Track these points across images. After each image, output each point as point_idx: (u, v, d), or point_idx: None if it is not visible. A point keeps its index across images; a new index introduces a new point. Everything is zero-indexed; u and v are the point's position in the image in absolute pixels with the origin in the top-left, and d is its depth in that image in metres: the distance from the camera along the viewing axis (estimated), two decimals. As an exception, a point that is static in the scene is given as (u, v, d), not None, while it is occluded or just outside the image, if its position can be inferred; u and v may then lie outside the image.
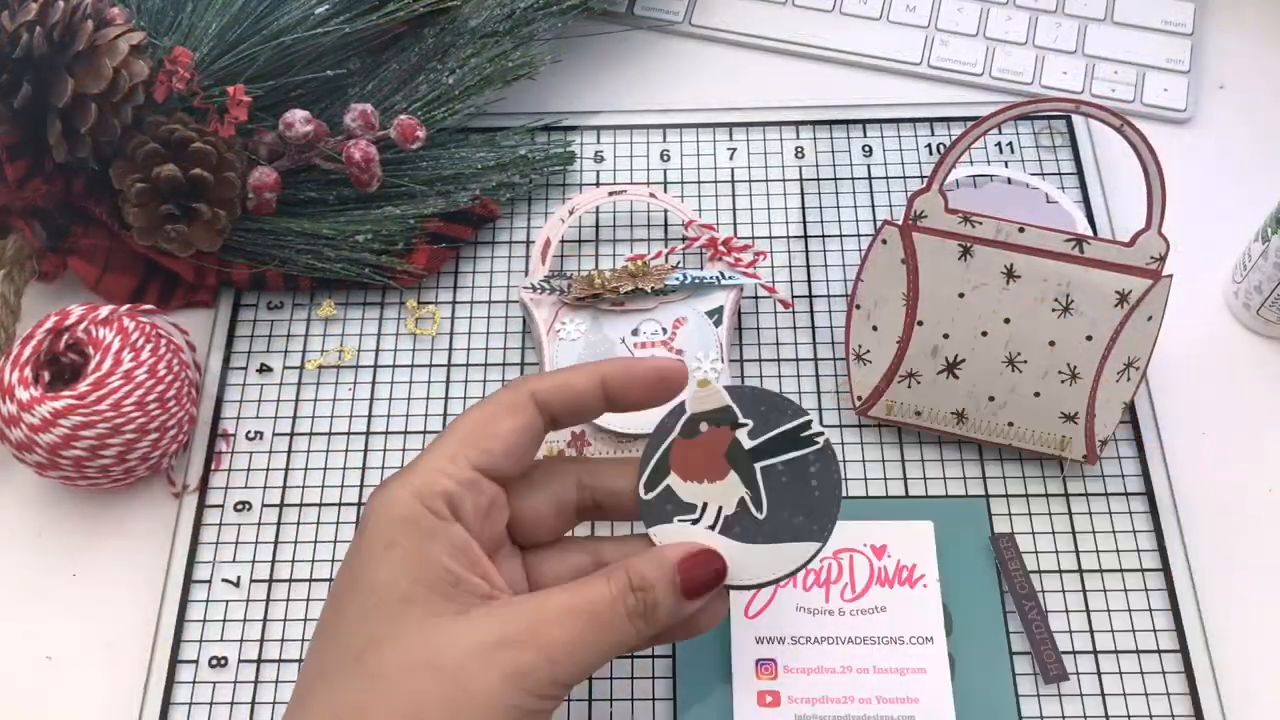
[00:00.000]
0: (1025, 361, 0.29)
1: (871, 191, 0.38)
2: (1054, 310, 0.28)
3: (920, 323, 0.28)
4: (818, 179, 0.38)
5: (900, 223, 0.28)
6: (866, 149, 0.39)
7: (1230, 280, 0.36)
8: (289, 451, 0.33)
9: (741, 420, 0.23)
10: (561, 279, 0.34)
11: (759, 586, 0.22)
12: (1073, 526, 0.31)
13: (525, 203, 0.38)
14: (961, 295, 0.28)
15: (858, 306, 0.30)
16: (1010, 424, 0.30)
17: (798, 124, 0.39)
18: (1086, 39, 0.41)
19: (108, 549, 0.32)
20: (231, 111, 0.33)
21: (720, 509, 0.22)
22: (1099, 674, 0.29)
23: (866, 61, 0.41)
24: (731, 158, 0.39)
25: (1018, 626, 0.30)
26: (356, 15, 0.36)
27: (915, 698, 0.28)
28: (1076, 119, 0.39)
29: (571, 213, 0.36)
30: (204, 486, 0.33)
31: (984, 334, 0.28)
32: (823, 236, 0.37)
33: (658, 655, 0.30)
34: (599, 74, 0.41)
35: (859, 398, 0.30)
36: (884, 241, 0.29)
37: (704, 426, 0.23)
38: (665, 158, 0.39)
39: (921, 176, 0.38)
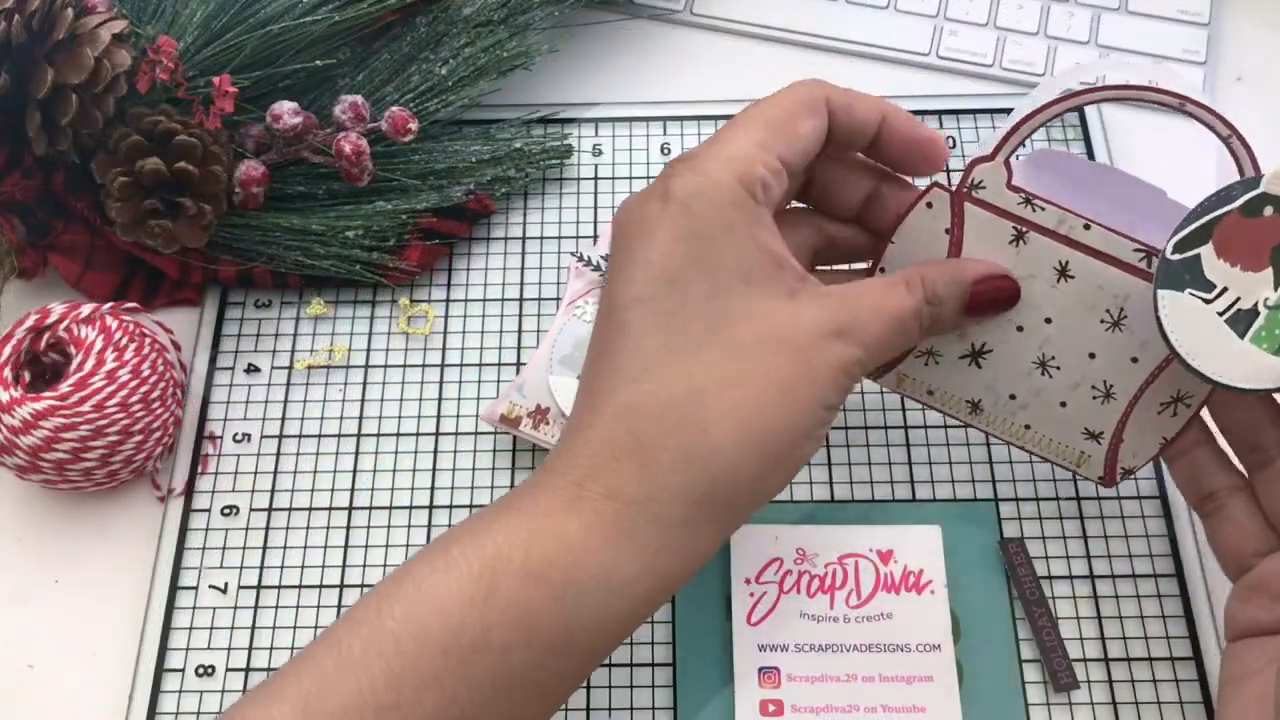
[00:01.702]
0: (1058, 368, 0.26)
1: (878, 186, 0.37)
2: (1103, 322, 0.25)
3: None
4: (822, 173, 0.37)
5: (953, 188, 0.25)
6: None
7: (1247, 277, 0.35)
8: (277, 454, 0.33)
9: None
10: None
11: (1235, 389, 0.22)
12: (1084, 531, 0.31)
13: (521, 198, 0.37)
14: None
15: (881, 269, 0.27)
16: (1027, 426, 0.28)
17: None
18: (1100, 29, 0.40)
19: (91, 554, 0.31)
20: (217, 103, 0.32)
21: (1238, 300, 0.21)
22: (1110, 682, 0.29)
23: (873, 52, 0.40)
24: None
25: (1027, 634, 0.29)
26: (346, 3, 0.35)
27: (922, 706, 0.28)
28: (1090, 110, 0.38)
29: None
30: (190, 490, 0.32)
31: (1020, 329, 0.26)
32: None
33: (658, 664, 0.29)
34: (597, 65, 0.40)
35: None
36: (929, 205, 0.25)
37: (1269, 210, 0.21)
38: (665, 151, 0.38)
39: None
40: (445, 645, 0.19)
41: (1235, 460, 0.26)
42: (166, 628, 0.30)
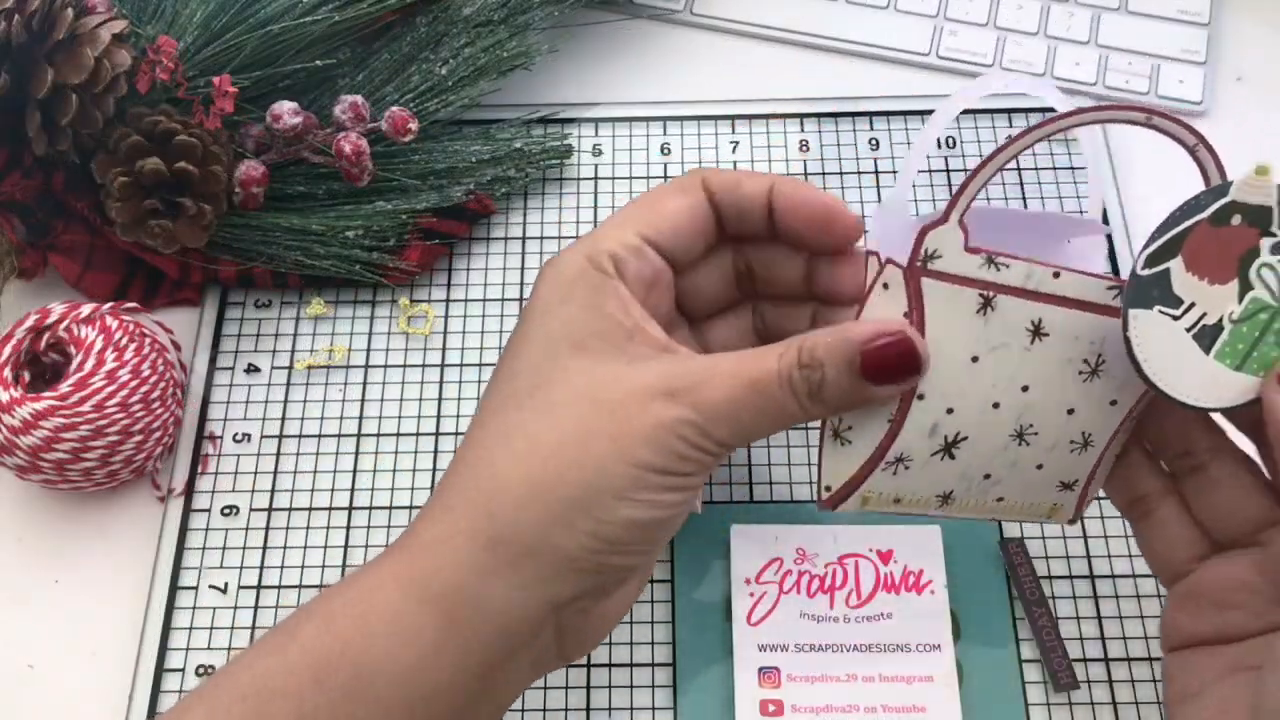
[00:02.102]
0: (1036, 434, 0.23)
1: (878, 186, 0.37)
2: (1081, 373, 0.22)
3: (921, 396, 0.22)
4: (823, 173, 0.37)
5: (905, 264, 0.21)
6: (873, 142, 0.38)
7: (1247, 277, 0.35)
8: (277, 454, 0.33)
9: (1275, 229, 0.20)
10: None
11: (1195, 409, 0.21)
12: (1084, 531, 0.31)
13: (521, 198, 0.37)
14: (975, 359, 0.22)
15: None
16: (1000, 499, 0.24)
17: (802, 116, 0.38)
18: (1100, 29, 0.40)
19: (91, 554, 0.31)
20: (217, 103, 0.32)
21: (1204, 315, 0.20)
22: (1110, 682, 0.29)
23: (873, 52, 0.40)
24: (734, 151, 0.38)
25: (1027, 634, 0.29)
26: (346, 3, 0.35)
27: (922, 706, 0.28)
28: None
29: None
30: (190, 490, 0.32)
31: (995, 405, 0.22)
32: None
33: (657, 664, 0.29)
34: (597, 65, 0.40)
35: (828, 488, 0.23)
36: (885, 286, 0.22)
37: (1237, 219, 0.20)
38: (666, 151, 0.38)
39: (930, 170, 0.37)
40: (246, 693, 0.20)
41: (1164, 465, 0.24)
42: (166, 628, 0.30)
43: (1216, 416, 0.23)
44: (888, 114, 0.38)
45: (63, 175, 0.34)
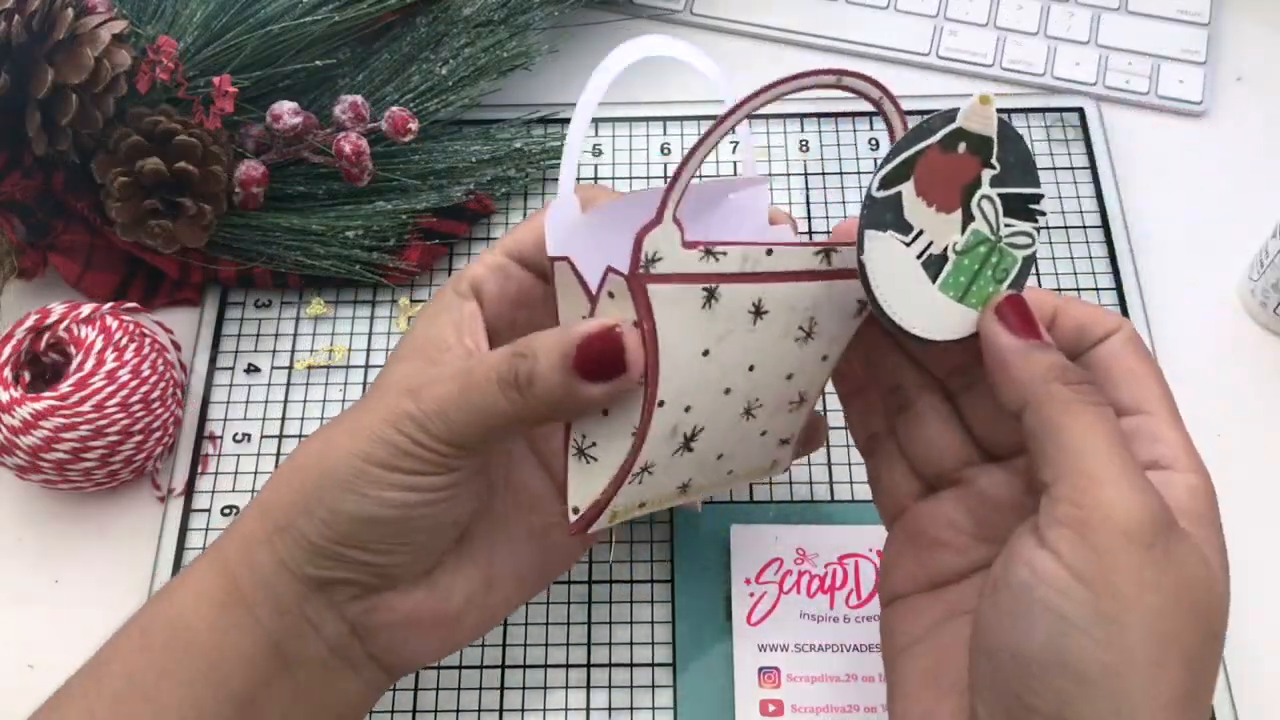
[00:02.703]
0: (761, 406, 0.23)
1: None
2: (797, 340, 0.22)
3: (661, 403, 0.21)
4: (823, 173, 0.37)
5: (626, 271, 0.20)
6: (873, 142, 0.38)
7: (1247, 278, 0.35)
8: (277, 454, 0.33)
9: (993, 161, 0.20)
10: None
11: (928, 343, 0.21)
12: (1084, 532, 0.31)
13: (521, 198, 0.37)
14: (706, 353, 0.21)
15: None
16: (730, 472, 0.24)
17: (802, 116, 0.38)
18: (1100, 29, 0.40)
19: (91, 554, 0.31)
20: (217, 103, 0.32)
21: (930, 244, 0.20)
22: (1111, 683, 0.28)
23: (873, 52, 0.40)
24: (734, 151, 0.38)
25: (1027, 635, 0.29)
26: (346, 3, 0.35)
27: (922, 708, 0.28)
28: (1091, 111, 0.38)
29: None
30: (190, 490, 0.32)
31: (727, 391, 0.22)
32: (828, 233, 0.36)
33: (657, 664, 0.29)
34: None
35: (575, 510, 0.22)
36: (610, 295, 0.20)
37: (962, 147, 0.20)
38: (665, 151, 0.38)
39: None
40: (88, 664, 0.23)
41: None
42: (166, 628, 0.30)
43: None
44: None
45: (63, 175, 0.34)
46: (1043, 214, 0.21)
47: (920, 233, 0.20)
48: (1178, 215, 0.36)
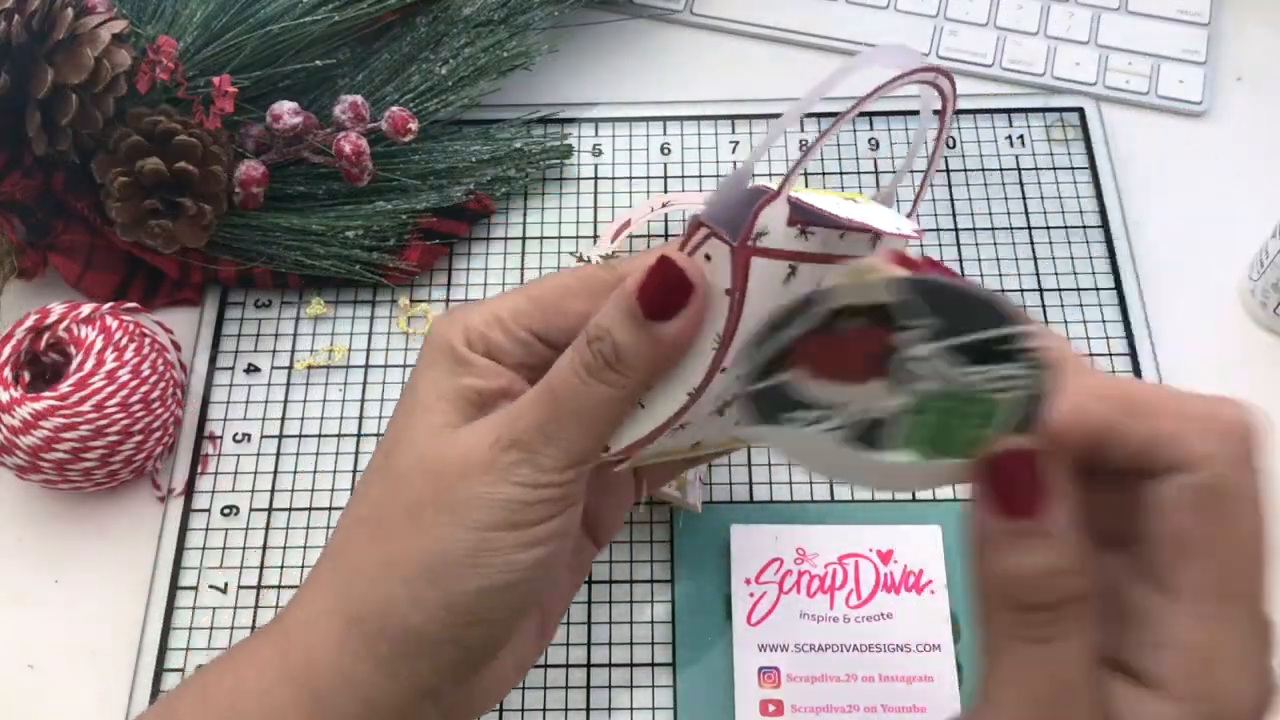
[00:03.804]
0: None
1: (878, 186, 0.37)
2: None
3: (724, 369, 0.20)
4: (823, 173, 0.37)
5: (735, 240, 0.19)
6: (873, 142, 0.38)
7: (1247, 278, 0.35)
8: (277, 454, 0.33)
9: (908, 323, 0.17)
10: (614, 261, 0.33)
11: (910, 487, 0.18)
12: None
13: (521, 198, 0.37)
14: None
15: None
16: (734, 436, 0.23)
17: (802, 116, 0.38)
18: (1100, 29, 0.40)
19: (91, 554, 0.31)
20: (217, 103, 0.32)
21: (856, 411, 0.17)
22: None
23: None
24: (734, 151, 0.38)
25: (1027, 635, 0.29)
26: (346, 3, 0.35)
27: (922, 707, 0.28)
28: (1090, 111, 0.38)
29: (664, 205, 0.35)
30: (190, 490, 0.32)
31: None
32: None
33: (657, 664, 0.29)
34: (597, 65, 0.40)
35: (606, 448, 0.21)
36: (707, 257, 0.20)
37: (851, 323, 0.17)
38: (666, 151, 0.38)
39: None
40: None
41: None
42: (166, 627, 0.30)
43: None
44: (888, 114, 0.38)
45: (63, 175, 0.34)
46: (1027, 350, 0.16)
47: (832, 406, 0.18)
48: (1178, 215, 0.36)
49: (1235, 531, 0.15)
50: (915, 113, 0.38)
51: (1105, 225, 0.36)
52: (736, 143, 0.38)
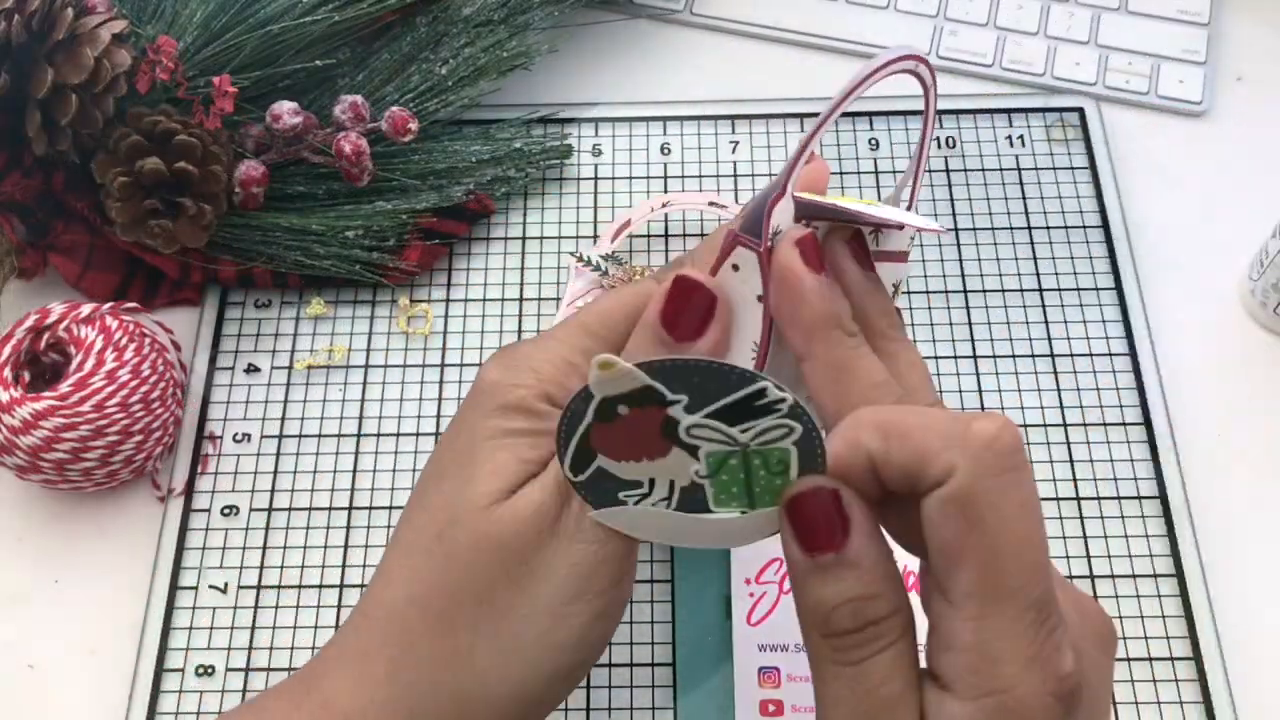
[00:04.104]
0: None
1: (878, 186, 0.37)
2: None
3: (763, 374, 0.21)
4: (822, 173, 0.37)
5: (759, 243, 0.19)
6: (873, 142, 0.38)
7: (1247, 278, 0.35)
8: (277, 454, 0.33)
9: (671, 398, 0.18)
10: (613, 262, 0.33)
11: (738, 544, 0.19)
12: (1084, 531, 0.31)
13: (521, 198, 0.37)
14: None
15: None
16: None
17: (802, 116, 0.38)
18: (1100, 29, 0.40)
19: (91, 554, 0.31)
20: (217, 103, 0.32)
21: (673, 481, 0.18)
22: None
23: (873, 52, 0.40)
24: (734, 151, 0.38)
25: (1027, 635, 0.29)
26: (346, 3, 0.35)
27: (922, 708, 0.28)
28: (1090, 111, 0.38)
29: (665, 206, 0.35)
30: (190, 490, 0.32)
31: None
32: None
33: (657, 664, 0.29)
34: (597, 64, 0.40)
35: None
36: (735, 267, 0.19)
37: (623, 409, 0.18)
38: (666, 151, 0.38)
39: (930, 170, 0.37)
40: None
41: None
42: (166, 628, 0.30)
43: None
44: (888, 114, 0.38)
45: (63, 175, 0.34)
46: (780, 401, 0.17)
47: (652, 481, 0.18)
48: (1178, 215, 0.36)
49: (990, 534, 0.15)
50: (916, 113, 0.38)
51: (1105, 225, 0.36)
52: (736, 143, 0.38)
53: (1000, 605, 0.15)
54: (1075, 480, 0.31)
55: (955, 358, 0.34)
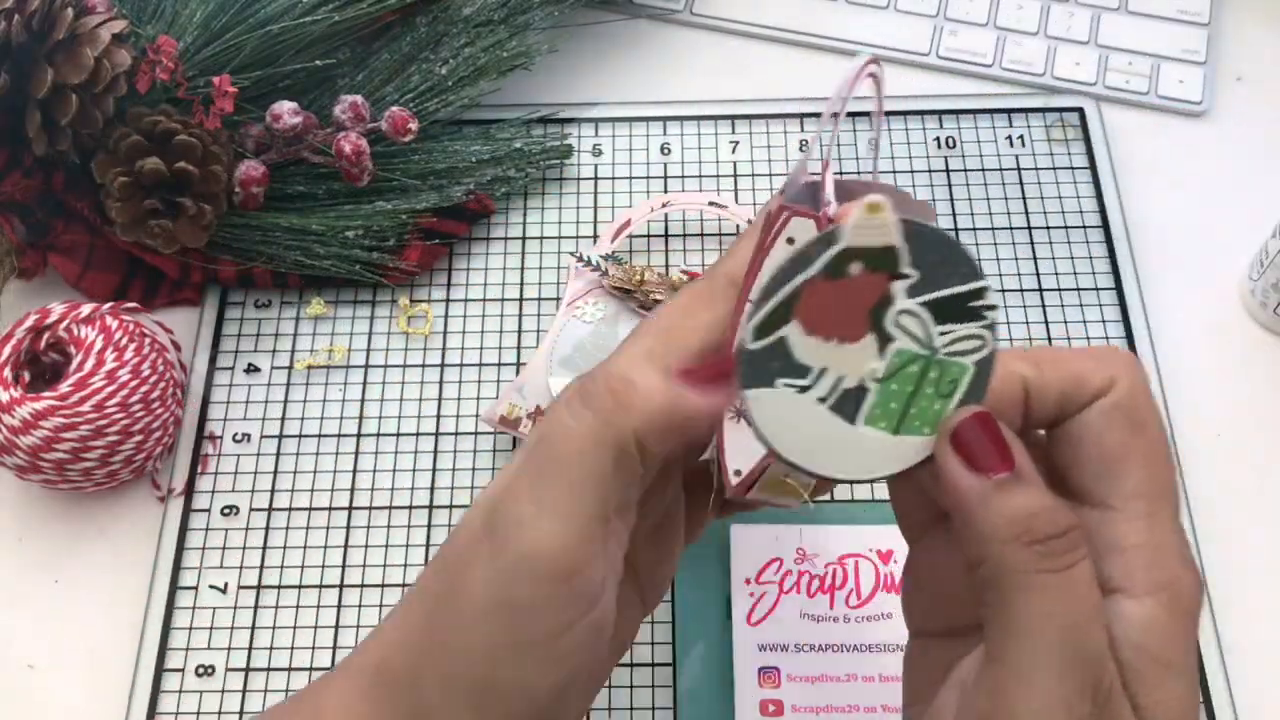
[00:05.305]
0: None
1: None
2: None
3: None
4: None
5: (817, 211, 0.19)
6: (873, 142, 0.38)
7: (1247, 278, 0.35)
8: (277, 454, 0.33)
9: (905, 270, 0.17)
10: (613, 261, 0.33)
11: (863, 481, 0.18)
12: (1084, 532, 0.31)
13: (521, 198, 0.37)
14: None
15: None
16: None
17: (802, 116, 0.38)
18: (1100, 29, 0.40)
19: (91, 554, 0.31)
20: (217, 103, 0.32)
21: (841, 379, 0.17)
22: (1111, 683, 0.28)
23: (873, 52, 0.40)
24: (734, 151, 0.38)
25: (1027, 635, 0.29)
26: (346, 3, 0.35)
27: (922, 708, 0.28)
28: (1090, 111, 0.38)
29: (665, 206, 0.35)
30: (190, 490, 0.32)
31: None
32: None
33: (657, 664, 0.29)
34: (597, 64, 0.40)
35: (737, 472, 0.20)
36: (789, 241, 0.19)
37: (856, 267, 0.17)
38: (666, 151, 0.38)
39: (930, 170, 0.37)
40: None
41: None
42: (166, 628, 0.30)
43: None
44: (887, 114, 0.38)
45: (63, 175, 0.34)
46: (992, 308, 0.17)
47: (823, 371, 0.17)
48: (1178, 215, 0.36)
49: (1152, 439, 0.17)
50: (917, 113, 0.38)
51: (1105, 225, 0.36)
52: (736, 143, 0.38)
53: (1164, 502, 0.17)
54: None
55: (955, 358, 0.34)
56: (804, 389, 0.17)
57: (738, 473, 0.20)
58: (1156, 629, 0.16)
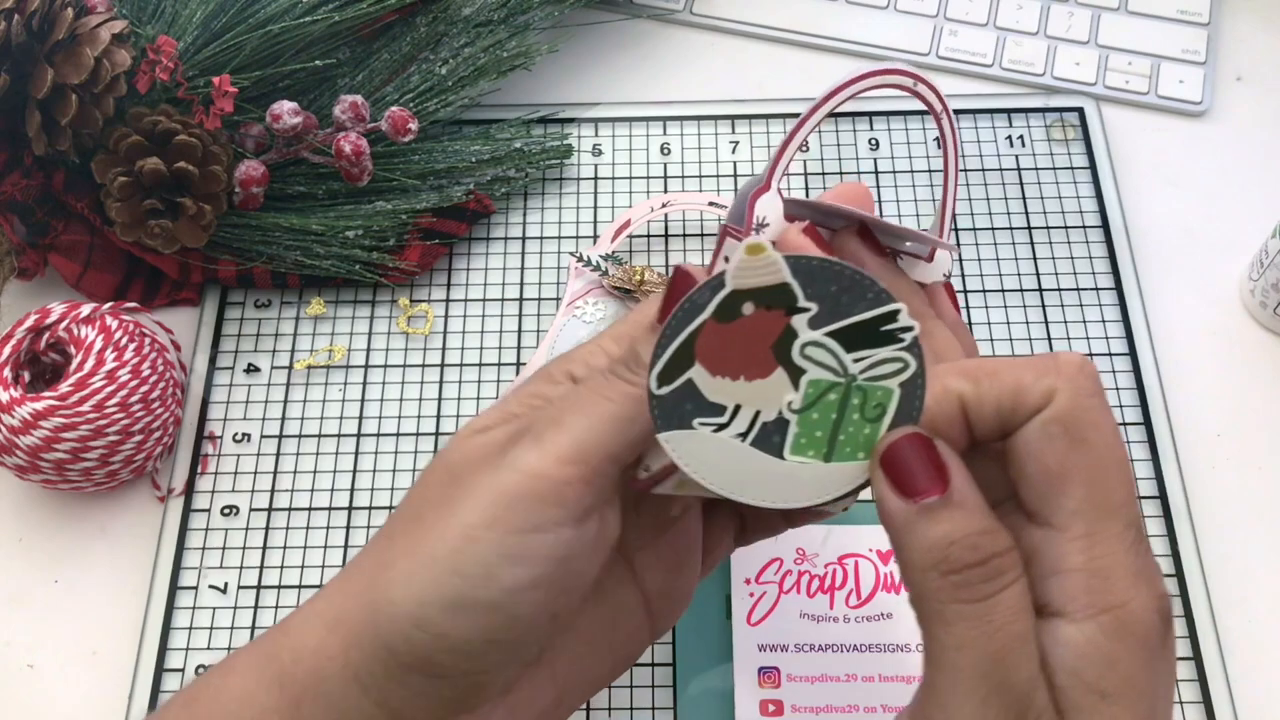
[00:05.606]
0: None
1: (878, 186, 0.37)
2: None
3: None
4: (822, 173, 0.37)
5: (743, 231, 0.19)
6: (873, 142, 0.38)
7: (1247, 278, 0.35)
8: (277, 454, 0.33)
9: (803, 304, 0.17)
10: (613, 262, 0.33)
11: (799, 511, 0.18)
12: (1084, 532, 0.31)
13: (521, 198, 0.37)
14: None
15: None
16: None
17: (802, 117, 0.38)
18: (1100, 29, 0.40)
19: (91, 554, 0.31)
20: (217, 103, 0.32)
21: (758, 414, 0.17)
22: (1111, 683, 0.28)
23: (873, 52, 0.40)
24: (734, 151, 0.38)
25: (1027, 635, 0.29)
26: (346, 3, 0.35)
27: (922, 708, 0.28)
28: (1090, 111, 0.38)
29: (664, 206, 0.35)
30: (190, 490, 0.32)
31: None
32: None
33: (657, 664, 0.29)
34: (597, 65, 0.40)
35: (646, 469, 0.20)
36: (726, 259, 0.20)
37: (748, 308, 0.17)
38: (666, 151, 0.38)
39: (930, 170, 0.37)
40: None
41: None
42: (166, 627, 0.30)
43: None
44: (888, 114, 0.38)
45: (63, 175, 0.34)
46: (908, 329, 0.17)
47: (738, 408, 0.17)
48: (1178, 215, 0.36)
49: (1095, 452, 0.16)
50: (917, 113, 0.38)
51: (1105, 225, 0.36)
52: (736, 143, 0.38)
53: (1107, 522, 0.15)
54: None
55: (955, 358, 0.34)
56: (720, 427, 0.17)
57: (646, 468, 0.20)
58: (1092, 654, 0.15)
